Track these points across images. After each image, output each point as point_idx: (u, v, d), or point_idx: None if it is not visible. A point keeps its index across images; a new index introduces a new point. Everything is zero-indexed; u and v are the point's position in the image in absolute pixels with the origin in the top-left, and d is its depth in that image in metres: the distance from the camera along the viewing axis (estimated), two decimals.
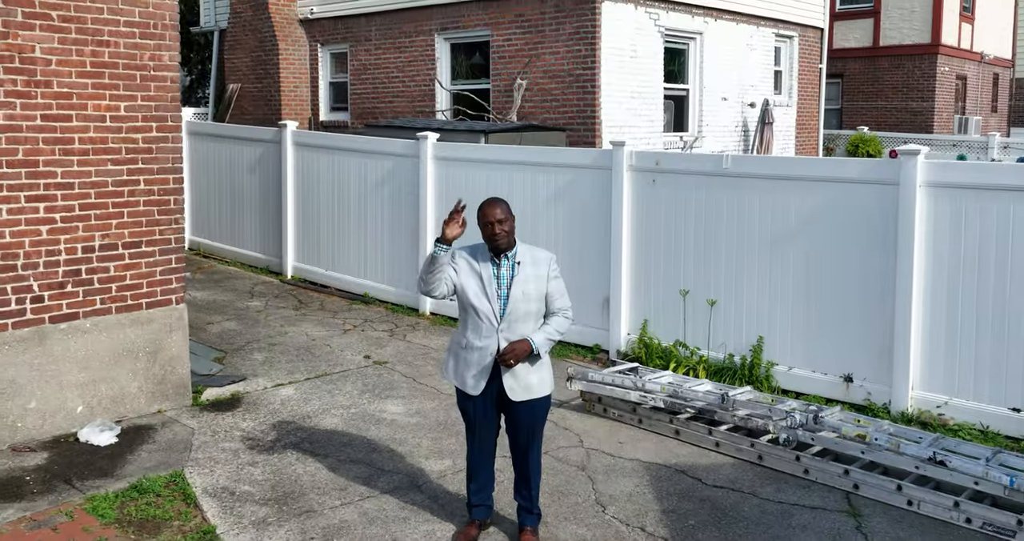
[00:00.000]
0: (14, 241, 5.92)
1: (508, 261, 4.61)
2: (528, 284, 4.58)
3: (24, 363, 6.01)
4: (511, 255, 4.61)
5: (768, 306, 7.50)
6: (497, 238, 4.52)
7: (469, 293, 4.60)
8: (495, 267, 4.61)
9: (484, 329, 4.57)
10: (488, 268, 4.59)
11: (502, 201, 4.62)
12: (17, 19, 5.83)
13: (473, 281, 4.59)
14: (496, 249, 4.57)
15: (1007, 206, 6.30)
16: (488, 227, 4.52)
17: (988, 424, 6.47)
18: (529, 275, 4.60)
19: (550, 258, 4.72)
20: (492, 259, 4.61)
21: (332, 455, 6.02)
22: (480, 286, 4.57)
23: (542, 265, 4.65)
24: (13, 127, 5.86)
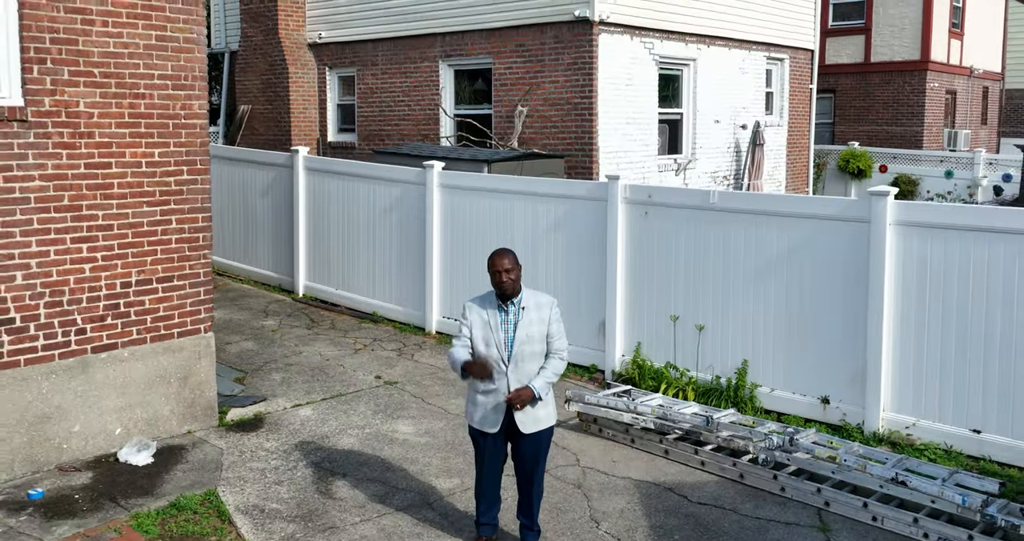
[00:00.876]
0: (60, 279, 6.50)
1: (514, 306, 5.17)
2: (532, 327, 5.14)
3: (69, 390, 6.58)
4: (516, 301, 5.17)
5: (752, 332, 8.08)
6: (504, 285, 5.09)
7: (480, 344, 5.16)
8: (502, 313, 5.16)
9: (494, 373, 5.14)
10: (496, 315, 5.15)
11: (510, 252, 5.17)
12: (64, 77, 6.40)
13: (481, 332, 5.15)
14: (503, 295, 5.14)
15: (968, 245, 6.88)
16: (496, 275, 5.08)
17: (952, 444, 7.04)
18: (533, 318, 5.16)
19: (552, 302, 5.27)
20: (499, 305, 5.17)
21: (350, 474, 6.59)
22: (488, 336, 5.12)
23: (544, 309, 5.21)
24: (60, 175, 6.44)
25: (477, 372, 5.08)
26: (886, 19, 21.87)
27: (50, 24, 6.30)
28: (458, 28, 13.39)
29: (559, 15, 12.17)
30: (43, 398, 6.46)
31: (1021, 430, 6.77)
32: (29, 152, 6.27)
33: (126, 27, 6.69)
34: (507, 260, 5.11)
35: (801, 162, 17.27)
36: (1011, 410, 6.80)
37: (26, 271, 6.32)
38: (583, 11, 11.89)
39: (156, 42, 6.87)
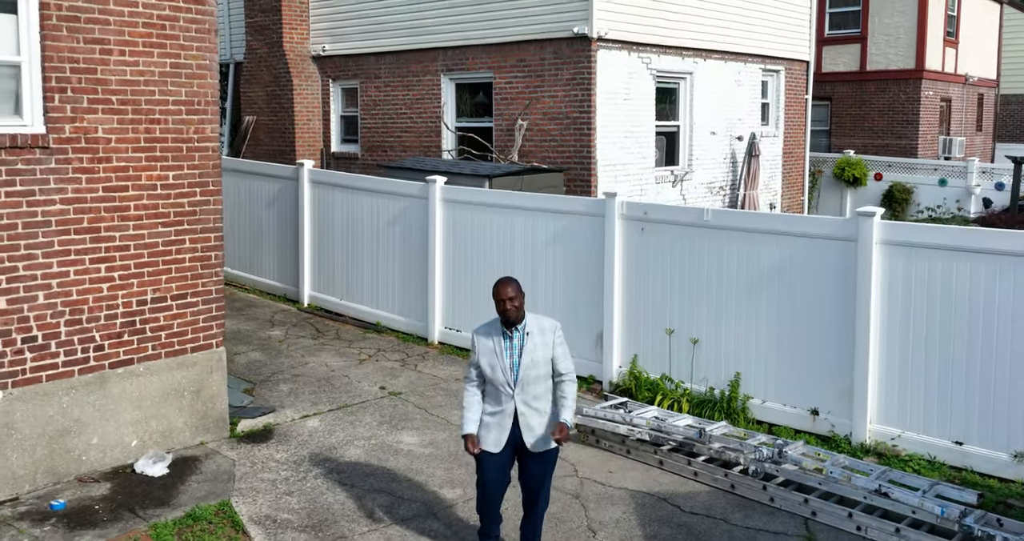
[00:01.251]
0: (80, 298, 6.78)
1: (518, 332, 5.44)
2: (536, 351, 5.41)
3: (88, 404, 6.87)
4: (520, 327, 5.45)
5: (745, 345, 8.36)
6: (508, 313, 5.37)
7: (487, 371, 5.44)
8: (507, 339, 5.44)
9: (502, 397, 5.42)
10: (500, 341, 5.42)
11: (513, 280, 5.45)
12: (83, 105, 6.68)
13: (488, 359, 5.43)
14: (507, 322, 5.41)
15: (950, 264, 7.17)
16: (501, 304, 5.36)
17: (935, 455, 7.33)
18: (537, 343, 5.43)
19: (555, 326, 5.55)
20: (504, 331, 5.45)
21: (358, 485, 6.87)
22: (495, 362, 5.40)
23: (548, 333, 5.48)
24: (79, 199, 6.72)
25: (469, 451, 5.45)
26: (881, 28, 22.15)
27: (70, 54, 6.58)
28: (459, 43, 13.67)
29: (558, 31, 12.46)
30: (63, 412, 6.75)
31: (1001, 442, 7.06)
32: (51, 177, 6.55)
33: (142, 56, 6.98)
34: (511, 289, 5.38)
35: (797, 171, 17.55)
36: (991, 423, 7.08)
37: (48, 291, 6.60)
38: (582, 28, 12.17)
39: (171, 69, 7.16)
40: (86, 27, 6.64)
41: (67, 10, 6.53)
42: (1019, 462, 6.95)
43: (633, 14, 12.77)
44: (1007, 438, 7.03)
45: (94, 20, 6.68)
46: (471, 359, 5.57)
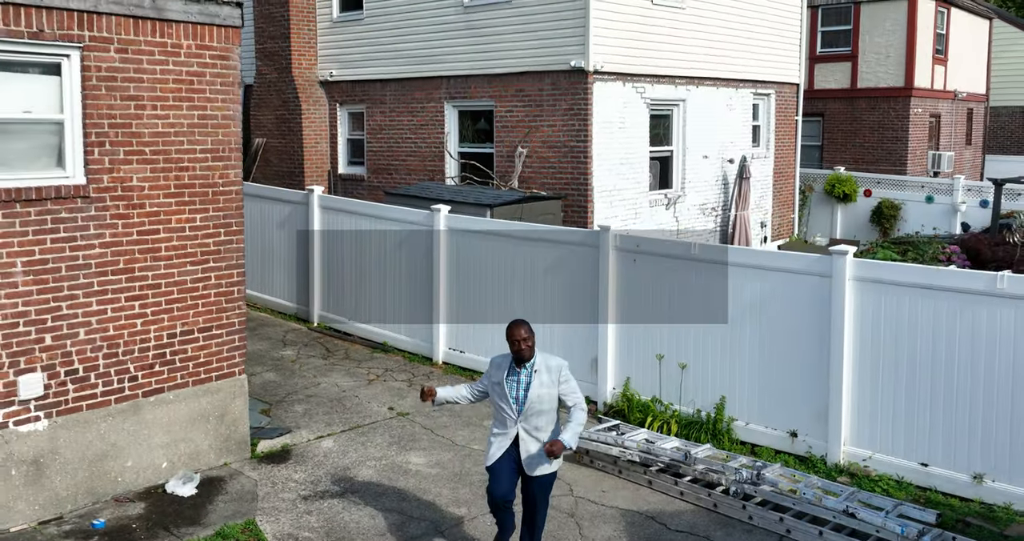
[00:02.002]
0: (116, 333, 7.40)
1: (528, 369, 6.07)
2: (543, 388, 6.04)
3: (124, 430, 7.49)
4: (530, 365, 6.07)
5: (729, 370, 8.98)
6: (522, 353, 6.00)
7: (495, 397, 6.10)
8: (517, 374, 6.07)
9: (507, 421, 6.07)
10: (511, 375, 6.06)
11: (525, 323, 6.07)
12: (120, 157, 7.30)
13: (499, 388, 6.07)
14: (519, 360, 6.04)
15: (917, 300, 7.78)
16: (515, 344, 5.99)
17: (903, 476, 7.95)
18: (544, 380, 6.05)
19: (561, 365, 6.16)
20: (514, 367, 6.07)
21: (371, 504, 7.49)
22: (503, 391, 6.04)
23: (554, 372, 6.10)
24: (116, 242, 7.34)
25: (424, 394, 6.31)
26: (872, 47, 22.75)
27: (108, 111, 7.20)
28: (462, 72, 14.29)
29: (556, 64, 13.07)
30: (101, 438, 7.36)
31: (963, 464, 7.67)
32: (91, 224, 7.17)
33: (172, 109, 7.59)
34: (524, 330, 6.01)
35: (787, 190, 18.16)
36: (953, 446, 7.70)
37: (88, 327, 7.22)
38: (579, 62, 12.78)
39: (198, 120, 7.78)
40: (122, 85, 7.26)
41: (106, 71, 7.15)
42: (978, 483, 7.56)
43: (628, 46, 13.38)
44: (967, 460, 7.64)
45: (129, 79, 7.30)
46: (482, 378, 6.28)
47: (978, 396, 7.54)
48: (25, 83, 6.88)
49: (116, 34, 7.18)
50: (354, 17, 15.85)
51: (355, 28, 15.84)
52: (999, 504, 7.42)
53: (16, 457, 6.88)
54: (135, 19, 7.28)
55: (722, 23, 15.36)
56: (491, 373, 6.21)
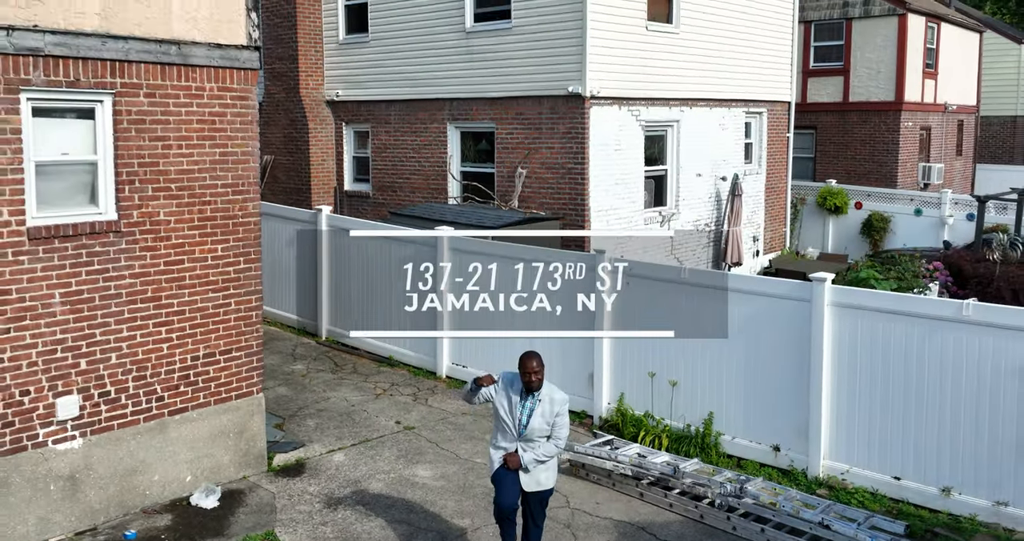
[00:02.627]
0: (144, 357, 7.96)
1: (534, 397, 6.62)
2: (543, 418, 6.60)
3: (151, 447, 8.05)
4: (537, 393, 6.62)
5: (717, 388, 9.54)
6: (532, 384, 6.56)
7: (500, 411, 6.64)
8: (523, 399, 6.62)
9: (509, 437, 6.62)
10: (518, 399, 6.61)
11: (537, 355, 6.62)
12: (148, 193, 7.86)
13: (505, 402, 6.63)
14: (529, 389, 6.60)
15: (889, 325, 8.35)
16: (527, 375, 6.55)
17: (877, 488, 8.51)
18: (546, 410, 6.61)
19: (564, 401, 6.72)
20: (522, 392, 6.63)
21: (381, 515, 8.05)
22: (509, 408, 6.60)
23: (556, 404, 6.66)
24: (144, 273, 7.90)
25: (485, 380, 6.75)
26: (863, 62, 23.31)
27: (138, 151, 7.76)
28: (464, 95, 14.85)
29: (555, 90, 13.63)
30: (131, 454, 7.93)
31: (932, 477, 8.24)
32: (121, 256, 7.73)
33: (196, 148, 8.15)
34: (535, 363, 6.58)
35: (779, 205, 18.73)
36: (923, 461, 8.26)
37: (119, 352, 7.78)
38: (576, 87, 13.35)
39: (219, 157, 8.34)
40: (151, 127, 7.82)
41: (135, 114, 7.71)
42: (945, 495, 8.12)
43: (623, 71, 13.94)
44: (936, 474, 8.21)
45: (157, 121, 7.86)
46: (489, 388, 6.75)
47: (946, 414, 8.11)
48: (62, 127, 7.45)
49: (145, 80, 7.74)
50: (360, 39, 16.42)
51: (361, 50, 16.41)
52: (965, 515, 7.98)
53: (54, 473, 7.44)
54: (162, 65, 7.84)
55: (715, 45, 15.92)
56: (502, 388, 6.70)
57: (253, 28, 8.52)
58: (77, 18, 7.27)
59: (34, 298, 7.22)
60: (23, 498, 7.26)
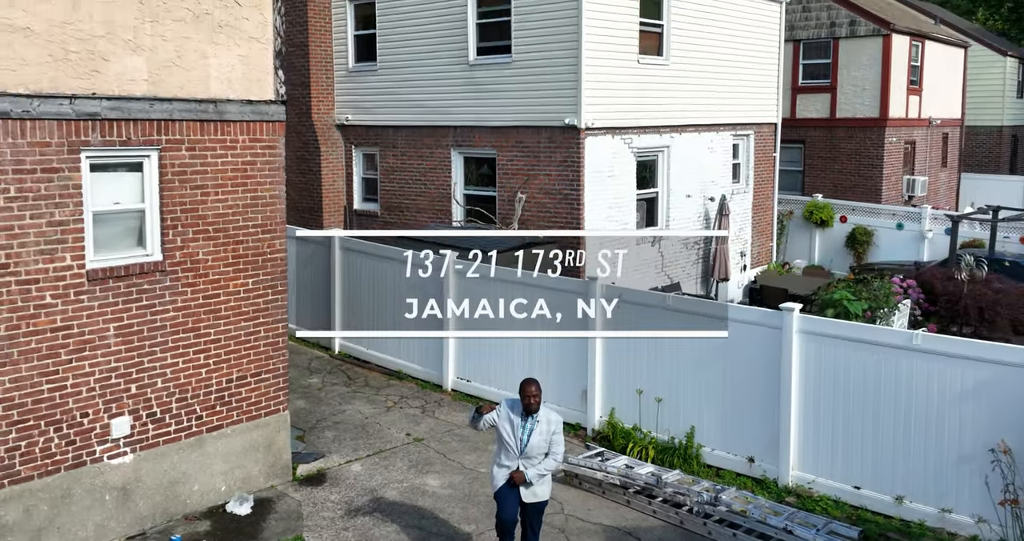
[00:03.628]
0: (186, 381, 8.95)
1: (532, 418, 7.60)
2: (540, 437, 7.57)
3: (191, 460, 9.05)
4: (535, 415, 7.60)
5: (698, 404, 10.53)
6: (531, 407, 7.53)
7: (503, 434, 7.61)
8: (523, 420, 7.60)
9: (511, 455, 7.59)
10: (519, 420, 7.58)
11: (535, 381, 7.58)
12: (189, 236, 8.85)
13: (507, 426, 7.59)
14: (528, 411, 7.57)
15: (850, 351, 9.34)
16: (526, 398, 7.51)
17: (840, 497, 9.50)
18: (543, 430, 7.59)
19: (559, 421, 7.69)
20: (523, 414, 7.60)
21: (396, 522, 9.04)
22: (511, 430, 7.57)
23: (552, 424, 7.63)
24: (185, 306, 8.89)
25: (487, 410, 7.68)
26: (849, 80, 24.28)
27: (180, 199, 8.74)
28: (467, 123, 15.83)
29: (552, 121, 14.61)
30: (174, 467, 8.93)
31: (887, 487, 9.23)
32: (166, 292, 8.72)
33: (230, 194, 9.14)
34: (534, 387, 7.55)
35: (766, 221, 19.71)
36: (880, 472, 9.25)
37: (164, 377, 8.77)
38: (572, 120, 14.32)
39: (250, 201, 9.32)
40: (191, 177, 8.81)
41: (178, 167, 8.69)
42: (899, 503, 9.12)
43: (617, 103, 14.91)
44: (891, 484, 9.20)
45: (197, 172, 8.84)
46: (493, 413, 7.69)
47: (899, 431, 9.10)
48: (115, 180, 8.43)
49: (186, 136, 8.73)
50: (369, 68, 17.39)
51: (369, 78, 17.38)
52: (915, 521, 8.98)
53: (109, 485, 8.44)
54: (201, 122, 8.83)
55: (704, 74, 16.89)
56: (504, 414, 7.67)
57: (279, 84, 9.51)
58: (129, 85, 8.25)
59: (92, 332, 8.21)
60: (83, 507, 8.27)
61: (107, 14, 8.03)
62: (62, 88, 7.81)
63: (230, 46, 8.98)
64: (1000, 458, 8.22)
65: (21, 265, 7.71)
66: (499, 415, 7.72)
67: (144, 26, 8.30)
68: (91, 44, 7.96)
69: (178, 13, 8.53)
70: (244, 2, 9.04)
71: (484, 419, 7.71)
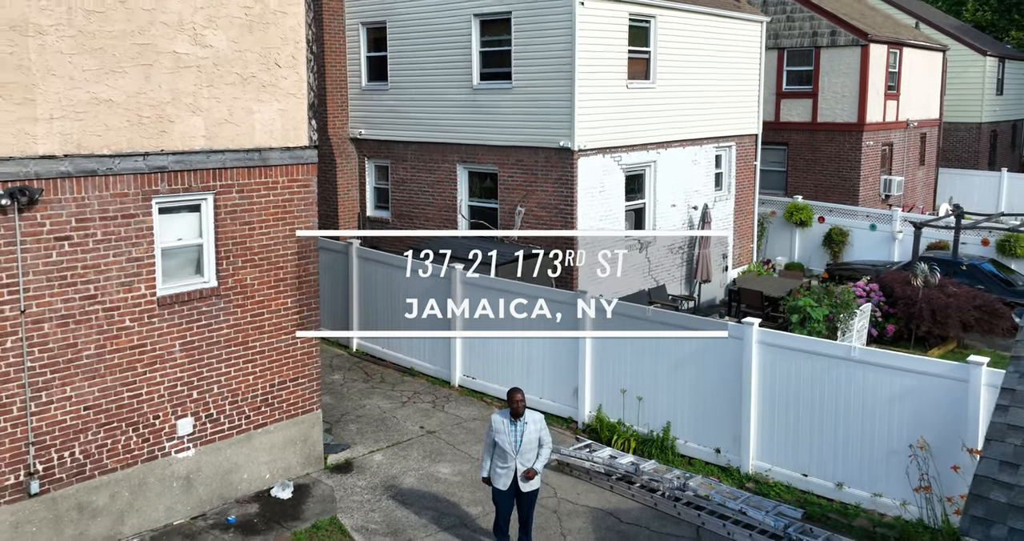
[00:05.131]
0: (237, 387, 10.60)
1: (520, 421, 9.24)
2: (531, 435, 9.21)
3: (241, 454, 10.71)
4: (522, 419, 9.24)
5: (673, 402, 12.18)
6: (518, 410, 9.16)
7: (500, 441, 9.23)
8: (513, 424, 9.24)
9: (508, 457, 9.23)
10: (510, 425, 9.21)
11: (520, 390, 9.18)
12: (238, 265, 10.46)
13: (502, 434, 9.22)
14: (515, 415, 9.21)
15: (800, 361, 10.97)
16: (515, 404, 9.14)
17: (791, 483, 11.18)
18: (531, 430, 9.23)
19: (542, 417, 9.33)
20: (511, 419, 9.24)
21: (414, 504, 10.72)
22: (505, 437, 9.20)
23: (538, 422, 9.27)
24: (236, 324, 10.51)
25: (486, 483, 9.26)
26: (830, 86, 25.76)
27: (231, 234, 10.34)
28: (472, 142, 17.37)
29: (548, 143, 16.16)
30: (227, 459, 10.60)
31: (829, 475, 10.89)
32: (220, 313, 10.34)
33: (272, 227, 10.74)
34: (520, 395, 9.18)
35: (747, 224, 21.29)
36: (823, 462, 10.91)
37: (219, 384, 10.42)
38: (566, 142, 15.87)
39: (288, 233, 10.92)
40: (240, 215, 10.40)
41: (230, 207, 10.28)
42: (839, 489, 10.79)
43: (607, 125, 16.45)
44: (833, 472, 10.86)
45: (244, 210, 10.44)
46: (488, 433, 9.36)
47: (840, 428, 10.74)
48: (177, 220, 10.02)
49: (236, 180, 10.31)
50: (380, 87, 18.90)
51: (381, 96, 18.90)
52: (851, 504, 10.65)
53: (176, 474, 10.11)
54: (248, 168, 10.41)
55: (688, 93, 18.41)
56: (495, 428, 9.28)
57: (312, 131, 11.08)
58: (190, 140, 9.83)
59: (162, 348, 9.85)
60: (156, 493, 9.95)
61: (172, 83, 9.60)
62: (137, 147, 9.40)
63: (271, 102, 10.55)
64: (917, 453, 9.89)
65: (106, 295, 9.33)
66: (494, 430, 9.29)
67: (202, 91, 9.86)
68: (160, 109, 9.53)
69: (229, 78, 10.10)
70: (283, 64, 10.60)
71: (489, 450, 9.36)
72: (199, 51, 9.79)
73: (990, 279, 18.71)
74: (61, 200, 8.87)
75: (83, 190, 9.01)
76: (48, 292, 8.88)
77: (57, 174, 8.81)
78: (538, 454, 9.30)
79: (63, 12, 8.69)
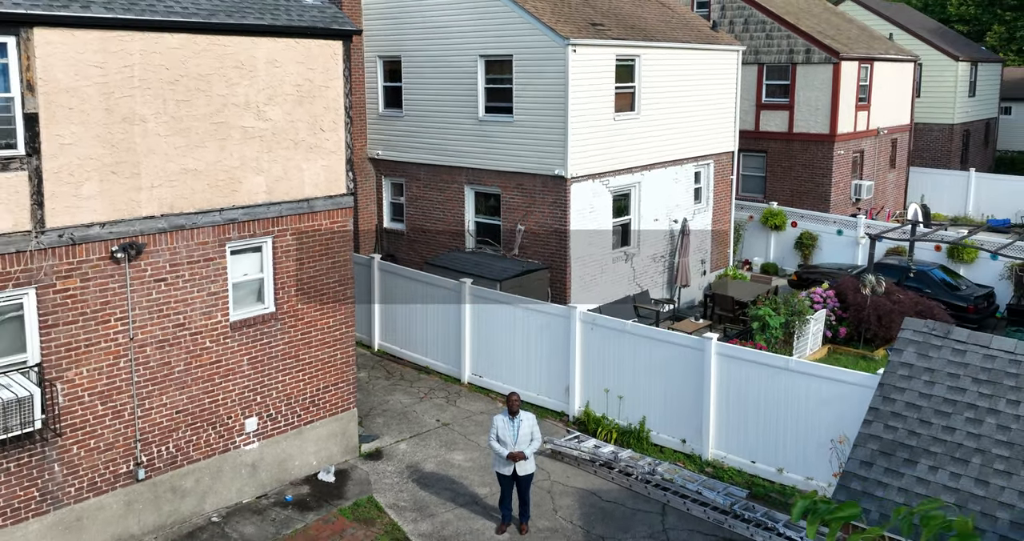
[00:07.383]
0: (290, 391, 13.06)
1: (518, 418, 11.69)
2: (525, 430, 11.67)
3: (294, 445, 13.20)
4: (519, 417, 11.69)
5: (648, 400, 14.65)
6: (513, 409, 11.61)
7: (502, 435, 11.70)
8: (512, 423, 11.69)
9: (508, 446, 11.69)
10: (509, 423, 11.66)
11: (516, 393, 11.66)
12: (292, 293, 12.86)
13: (503, 430, 11.68)
14: (512, 413, 11.66)
15: (751, 368, 13.41)
16: (512, 404, 11.60)
17: (742, 468, 13.68)
18: (526, 425, 11.68)
19: (533, 416, 11.79)
20: (510, 418, 11.69)
21: (435, 485, 13.21)
22: (506, 435, 11.66)
23: (531, 420, 11.72)
24: (290, 341, 12.94)
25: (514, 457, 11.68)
26: (804, 100, 28.03)
27: (286, 268, 12.75)
28: (477, 166, 19.72)
29: (544, 170, 18.51)
30: (283, 450, 13.09)
31: (772, 461, 13.38)
32: (278, 333, 12.78)
33: (317, 262, 13.14)
34: (516, 397, 11.64)
35: (724, 233, 23.67)
36: (769, 451, 13.40)
37: (276, 390, 12.88)
38: (560, 171, 18.23)
39: (331, 265, 13.33)
40: (293, 253, 12.80)
41: (284, 247, 12.68)
42: (780, 473, 13.28)
43: (597, 154, 18.79)
44: (775, 459, 13.36)
45: (296, 248, 12.84)
46: (492, 430, 11.80)
47: (782, 424, 13.22)
48: (244, 259, 12.43)
49: (290, 226, 12.71)
50: (396, 113, 21.22)
51: (396, 122, 21.22)
52: (789, 486, 13.15)
53: (244, 463, 12.60)
54: (299, 215, 12.80)
55: (670, 119, 20.72)
56: (498, 426, 11.74)
57: (349, 181, 13.45)
58: (254, 196, 12.21)
59: (233, 363, 12.29)
60: (229, 478, 12.44)
61: (241, 151, 11.96)
62: (214, 204, 11.78)
63: (317, 160, 12.92)
64: (836, 446, 12.37)
65: (192, 322, 11.76)
66: (496, 427, 11.73)
67: (263, 155, 12.23)
68: (231, 173, 11.91)
69: (284, 143, 12.46)
70: (327, 128, 12.97)
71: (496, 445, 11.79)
72: (261, 124, 12.15)
73: (937, 285, 21.11)
74: (159, 250, 11.28)
75: (175, 241, 11.42)
76: (149, 322, 11.32)
77: (156, 230, 11.20)
78: (532, 445, 11.77)
79: (160, 103, 11.05)
